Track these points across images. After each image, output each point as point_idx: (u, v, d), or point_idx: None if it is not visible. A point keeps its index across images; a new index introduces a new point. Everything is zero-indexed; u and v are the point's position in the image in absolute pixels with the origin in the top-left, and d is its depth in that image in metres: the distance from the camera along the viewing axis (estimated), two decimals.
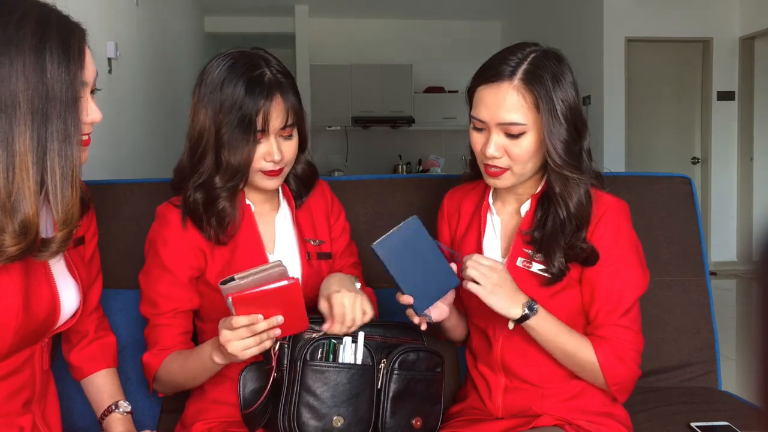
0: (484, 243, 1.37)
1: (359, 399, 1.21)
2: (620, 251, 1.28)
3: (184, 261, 1.31)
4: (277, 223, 1.40)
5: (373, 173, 7.32)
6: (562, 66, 1.26)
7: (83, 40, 1.06)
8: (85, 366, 1.33)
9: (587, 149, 1.30)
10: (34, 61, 0.98)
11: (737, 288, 5.98)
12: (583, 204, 1.27)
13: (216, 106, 1.24)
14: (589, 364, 1.27)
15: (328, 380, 1.20)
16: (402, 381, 1.25)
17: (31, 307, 1.08)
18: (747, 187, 6.62)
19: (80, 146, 1.04)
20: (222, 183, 1.27)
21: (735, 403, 1.58)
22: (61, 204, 1.02)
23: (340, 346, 1.23)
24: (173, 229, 1.32)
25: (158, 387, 1.35)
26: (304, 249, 1.40)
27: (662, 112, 6.68)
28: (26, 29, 0.99)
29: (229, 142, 1.24)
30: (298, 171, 1.43)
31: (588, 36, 6.62)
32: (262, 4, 7.83)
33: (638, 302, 1.31)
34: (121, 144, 3.79)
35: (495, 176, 1.28)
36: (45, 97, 0.99)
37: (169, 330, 1.32)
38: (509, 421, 1.32)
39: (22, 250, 1.00)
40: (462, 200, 1.46)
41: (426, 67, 8.78)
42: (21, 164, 0.98)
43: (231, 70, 1.25)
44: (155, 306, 1.32)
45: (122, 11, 3.89)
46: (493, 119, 1.24)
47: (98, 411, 1.32)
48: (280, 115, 1.26)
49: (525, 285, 1.28)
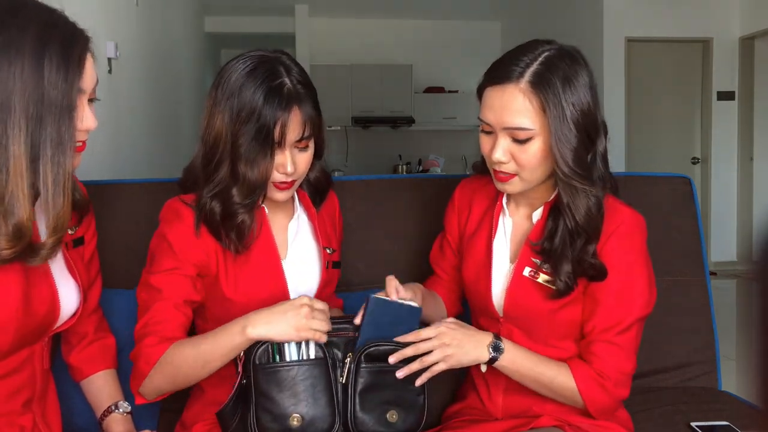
0: (494, 246, 1.34)
1: (314, 395, 1.18)
2: (629, 269, 1.23)
3: (194, 257, 1.27)
4: (290, 229, 1.38)
5: (373, 173, 7.31)
6: (576, 67, 1.19)
7: (86, 48, 1.06)
8: (85, 367, 1.33)
9: (602, 154, 1.23)
10: (32, 66, 0.98)
11: (737, 288, 5.98)
12: (592, 216, 1.20)
13: (233, 112, 1.21)
14: (567, 390, 1.24)
15: (279, 380, 1.17)
16: (370, 374, 1.21)
17: (31, 306, 1.08)
18: (747, 187, 6.62)
19: (73, 153, 1.04)
20: (240, 198, 1.24)
21: (735, 403, 1.58)
22: (53, 210, 1.02)
23: (285, 344, 1.19)
24: (186, 225, 1.27)
25: (148, 387, 1.21)
26: (324, 257, 1.38)
27: (662, 112, 6.68)
28: (29, 33, 0.99)
29: (246, 155, 1.21)
30: (311, 178, 1.39)
31: (588, 36, 6.61)
32: (262, 4, 7.82)
33: (640, 324, 1.26)
34: (120, 144, 3.78)
35: (503, 181, 1.24)
36: (41, 102, 0.98)
37: (172, 319, 1.22)
38: (509, 421, 1.31)
39: (15, 253, 1.00)
40: (474, 195, 1.42)
41: (426, 67, 8.77)
42: (15, 167, 0.98)
43: (250, 75, 1.21)
44: (157, 294, 1.23)
45: (122, 11, 3.89)
46: (499, 123, 1.19)
47: (98, 411, 1.32)
48: (296, 128, 1.22)
49: (530, 296, 1.27)
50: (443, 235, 1.49)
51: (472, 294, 1.38)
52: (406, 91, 8.64)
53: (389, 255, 1.70)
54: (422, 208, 1.72)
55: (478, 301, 1.36)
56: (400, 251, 1.70)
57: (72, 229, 1.24)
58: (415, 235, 1.71)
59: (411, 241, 1.70)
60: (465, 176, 1.53)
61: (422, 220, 1.71)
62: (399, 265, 1.67)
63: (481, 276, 1.34)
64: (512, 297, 1.29)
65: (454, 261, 1.47)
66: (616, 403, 1.27)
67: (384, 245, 1.70)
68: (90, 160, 1.15)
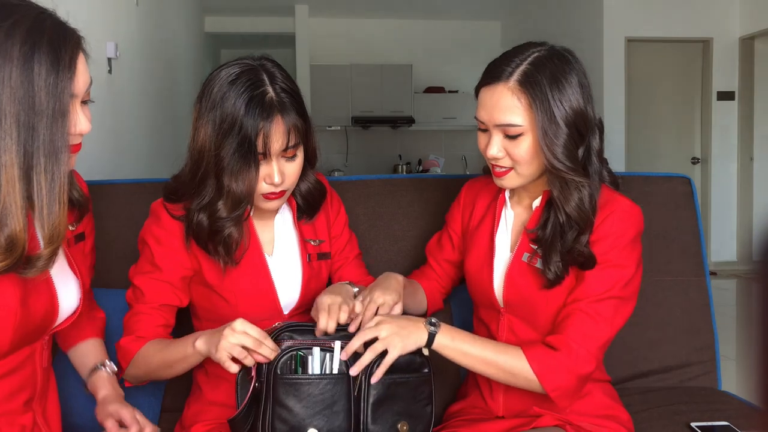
0: (497, 237, 1.37)
1: (333, 409, 1.18)
2: (617, 251, 1.24)
3: (177, 261, 1.30)
4: (276, 224, 1.39)
5: (373, 173, 7.32)
6: (565, 66, 1.23)
7: (77, 50, 1.03)
8: (72, 334, 1.34)
9: (597, 150, 1.27)
10: (21, 72, 0.95)
11: (737, 288, 5.98)
12: (583, 208, 1.23)
13: (215, 124, 1.20)
14: (520, 370, 1.21)
15: (298, 392, 1.17)
16: (381, 387, 1.20)
17: (29, 306, 1.07)
18: (747, 187, 6.62)
19: (68, 159, 1.01)
20: (227, 212, 1.24)
21: (735, 403, 1.58)
22: (47, 220, 0.99)
23: (309, 356, 1.19)
24: (167, 230, 1.30)
25: (129, 374, 1.31)
26: (305, 251, 1.39)
27: (662, 112, 6.68)
28: (16, 38, 0.96)
29: (230, 167, 1.20)
30: (302, 189, 1.38)
31: (588, 36, 6.62)
32: (262, 4, 7.83)
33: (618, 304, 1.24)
34: (120, 144, 3.78)
35: (500, 176, 1.28)
36: (32, 109, 0.96)
37: (149, 319, 1.29)
38: (510, 420, 1.32)
39: (8, 266, 0.98)
40: (479, 193, 1.46)
41: (426, 67, 8.78)
42: (7, 177, 0.95)
43: (232, 85, 1.20)
44: (140, 295, 1.30)
45: (122, 11, 3.89)
46: (491, 120, 1.24)
47: (84, 373, 1.32)
48: (280, 137, 1.21)
49: (528, 281, 1.28)
50: (444, 230, 1.52)
51: (475, 285, 1.39)
52: (406, 91, 8.65)
53: (389, 255, 1.70)
54: (422, 208, 1.73)
55: (480, 291, 1.38)
56: (400, 251, 1.70)
57: (73, 225, 1.24)
58: (415, 235, 1.71)
59: (411, 241, 1.71)
60: (465, 176, 1.55)
61: (422, 220, 1.71)
62: (399, 265, 1.67)
63: (483, 266, 1.36)
64: (511, 282, 1.31)
65: (450, 255, 1.49)
66: (577, 380, 1.22)
67: (384, 245, 1.70)
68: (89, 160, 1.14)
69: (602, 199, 1.27)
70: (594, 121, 1.26)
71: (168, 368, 1.26)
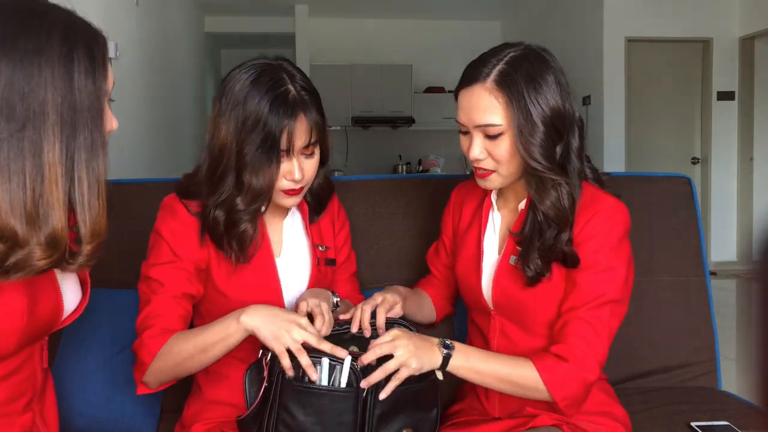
0: (484, 240, 1.37)
1: (338, 422, 1.16)
2: (606, 253, 1.24)
3: (192, 252, 1.29)
4: (285, 227, 1.39)
5: (373, 173, 7.33)
6: (542, 65, 1.23)
7: (106, 49, 1.05)
8: None
9: (576, 149, 1.26)
10: (62, 71, 0.97)
11: (737, 288, 5.98)
12: (560, 207, 1.23)
13: (238, 122, 1.21)
14: (530, 380, 1.21)
15: (305, 401, 1.16)
16: (388, 401, 1.18)
17: (36, 310, 1.07)
18: (747, 187, 6.62)
19: (105, 156, 1.03)
20: (244, 205, 1.25)
21: (735, 403, 1.58)
22: (89, 216, 1.00)
23: (318, 366, 1.17)
24: (180, 222, 1.29)
25: (152, 371, 1.23)
26: (314, 254, 1.39)
27: (662, 112, 6.68)
28: (55, 38, 0.97)
29: (252, 163, 1.21)
30: (314, 186, 1.39)
31: (588, 36, 6.62)
32: (262, 4, 7.83)
33: (614, 308, 1.24)
34: (120, 144, 3.79)
35: (482, 178, 1.29)
36: (73, 108, 0.97)
37: (171, 310, 1.24)
38: (507, 421, 1.32)
39: (51, 263, 0.99)
40: (467, 196, 1.46)
41: (426, 67, 8.78)
42: (50, 175, 0.96)
43: (254, 84, 1.22)
44: (158, 287, 1.26)
45: (122, 11, 3.89)
46: (471, 121, 1.24)
47: None
48: (303, 134, 1.23)
49: (516, 283, 1.28)
50: (439, 237, 1.53)
51: (465, 288, 1.40)
52: (406, 91, 8.65)
53: (389, 255, 1.70)
54: (422, 208, 1.73)
55: (470, 294, 1.38)
56: (400, 251, 1.71)
57: None
58: (415, 235, 1.71)
59: (411, 241, 1.71)
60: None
61: (422, 220, 1.72)
62: (399, 265, 1.67)
63: (471, 269, 1.37)
64: (499, 285, 1.31)
65: (446, 261, 1.51)
66: (584, 388, 1.22)
67: (384, 245, 1.70)
68: None
69: (587, 198, 1.26)
70: (573, 118, 1.26)
71: (202, 354, 1.20)
